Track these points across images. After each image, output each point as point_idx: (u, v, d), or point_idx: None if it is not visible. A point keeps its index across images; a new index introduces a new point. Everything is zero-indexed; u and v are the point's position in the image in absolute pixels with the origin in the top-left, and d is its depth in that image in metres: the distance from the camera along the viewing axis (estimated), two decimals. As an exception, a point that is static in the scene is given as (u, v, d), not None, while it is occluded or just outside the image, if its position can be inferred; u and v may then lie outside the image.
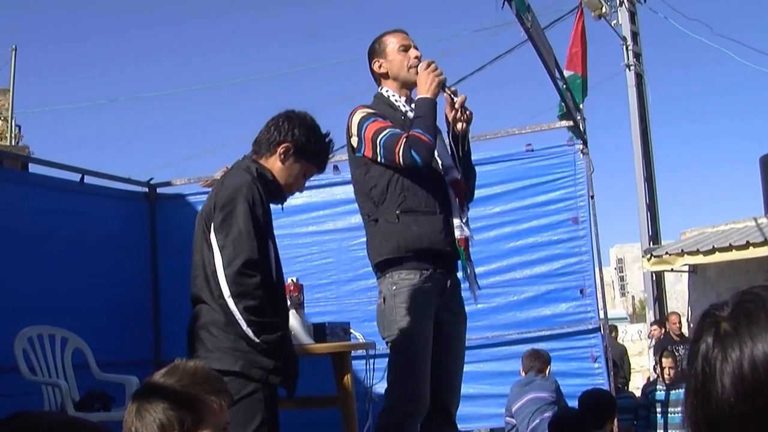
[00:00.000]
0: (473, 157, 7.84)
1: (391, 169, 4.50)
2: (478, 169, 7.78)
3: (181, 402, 2.49)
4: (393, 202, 4.50)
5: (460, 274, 4.78)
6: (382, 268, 4.55)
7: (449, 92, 4.69)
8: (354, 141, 4.60)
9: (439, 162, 4.71)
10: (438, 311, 4.58)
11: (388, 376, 4.54)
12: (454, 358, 4.78)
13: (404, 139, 4.42)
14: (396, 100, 4.74)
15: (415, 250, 4.47)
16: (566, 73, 7.97)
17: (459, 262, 4.75)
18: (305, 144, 4.07)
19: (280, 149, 4.02)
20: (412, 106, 4.74)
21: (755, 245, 13.20)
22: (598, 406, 6.25)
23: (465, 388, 7.42)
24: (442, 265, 4.62)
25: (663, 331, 13.13)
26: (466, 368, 7.49)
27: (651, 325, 14.60)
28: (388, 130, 4.49)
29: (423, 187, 4.56)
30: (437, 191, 4.64)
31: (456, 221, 4.68)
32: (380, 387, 4.88)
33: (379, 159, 4.49)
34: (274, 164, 4.06)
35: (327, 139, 4.24)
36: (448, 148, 4.85)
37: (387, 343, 4.56)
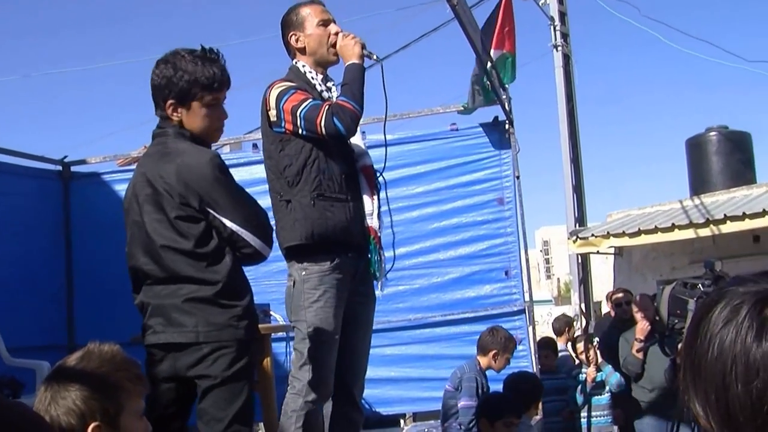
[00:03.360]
0: (397, 136, 8.02)
1: (310, 146, 4.47)
2: (401, 148, 7.99)
3: (102, 389, 2.45)
4: (308, 185, 4.48)
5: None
6: (293, 253, 4.55)
7: (368, 52, 4.67)
8: (272, 115, 4.54)
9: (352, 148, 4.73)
10: (349, 296, 4.64)
11: (293, 362, 4.56)
12: (360, 340, 4.87)
13: (326, 107, 4.39)
14: (313, 78, 4.70)
15: (328, 237, 4.48)
16: (496, 53, 8.05)
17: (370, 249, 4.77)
18: (181, 86, 3.83)
19: (169, 108, 3.86)
20: (329, 85, 4.76)
21: (680, 227, 13.55)
22: (524, 389, 6.37)
23: (387, 372, 7.66)
24: (354, 251, 4.66)
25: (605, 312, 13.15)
26: (389, 351, 7.71)
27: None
28: (309, 101, 4.45)
29: (338, 172, 4.56)
30: (350, 177, 4.66)
31: (367, 209, 4.72)
32: (300, 370, 4.96)
33: (300, 131, 4.45)
34: (180, 122, 3.89)
35: (204, 56, 3.90)
36: (360, 133, 4.88)
37: (293, 327, 4.59)
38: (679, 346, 6.23)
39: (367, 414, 7.66)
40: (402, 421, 8.47)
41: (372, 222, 4.74)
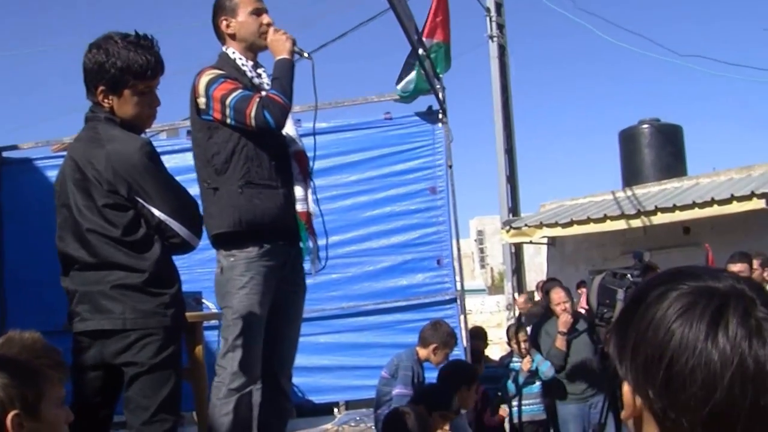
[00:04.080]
0: (332, 125, 8.06)
1: (238, 134, 4.46)
2: (336, 136, 8.02)
3: (22, 376, 2.40)
4: (236, 173, 4.48)
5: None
6: (220, 240, 4.55)
7: (298, 50, 4.68)
8: (201, 102, 4.51)
9: (284, 133, 4.72)
10: (277, 283, 4.64)
11: (220, 350, 4.55)
12: (289, 328, 4.88)
13: (257, 100, 4.39)
14: (243, 65, 4.70)
15: (256, 225, 4.49)
16: (430, 42, 8.11)
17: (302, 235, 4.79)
18: (113, 73, 3.77)
19: (100, 95, 3.80)
20: (259, 71, 4.76)
21: (612, 218, 13.83)
22: (460, 375, 6.39)
23: (320, 360, 7.70)
24: (284, 238, 4.67)
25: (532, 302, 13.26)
26: (322, 339, 7.75)
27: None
28: (239, 91, 4.44)
29: (267, 159, 4.56)
30: (281, 164, 4.66)
31: (299, 194, 4.73)
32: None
33: (229, 121, 4.44)
34: (110, 108, 3.83)
35: (137, 42, 3.83)
36: (292, 119, 4.88)
37: (221, 313, 4.61)
38: (608, 335, 6.41)
39: (300, 402, 7.72)
40: (335, 410, 8.51)
41: (304, 208, 4.75)
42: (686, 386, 1.22)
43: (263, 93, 4.51)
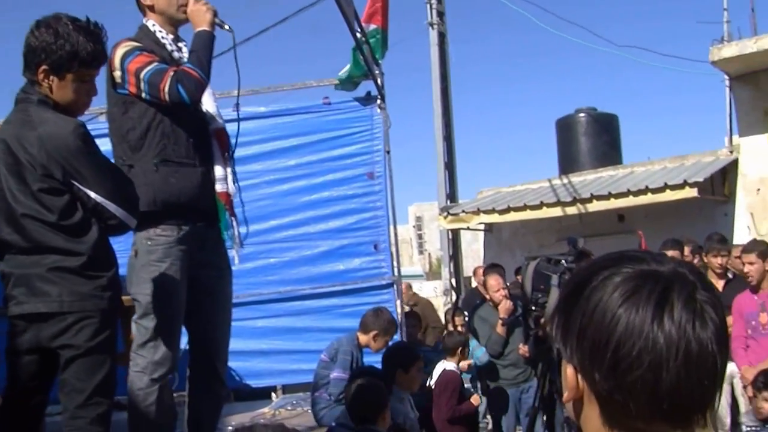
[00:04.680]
0: (270, 109, 8.07)
1: (154, 110, 4.37)
2: (274, 121, 8.04)
3: None
4: (151, 150, 4.38)
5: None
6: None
7: (219, 22, 4.58)
8: (117, 76, 4.38)
9: (204, 110, 4.66)
10: (197, 267, 4.57)
11: (137, 338, 4.43)
12: (219, 313, 4.81)
13: (171, 74, 4.28)
14: (163, 37, 4.59)
15: (172, 204, 4.40)
16: (368, 27, 8.15)
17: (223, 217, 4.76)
18: (60, 55, 3.72)
19: (41, 74, 3.73)
20: (180, 45, 4.65)
21: (548, 205, 14.03)
22: (402, 355, 6.43)
23: (257, 344, 7.74)
24: (202, 219, 4.59)
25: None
26: (259, 324, 7.78)
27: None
28: (153, 65, 4.33)
29: (185, 136, 4.47)
30: (199, 141, 4.58)
31: (219, 174, 4.67)
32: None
33: (144, 95, 4.33)
34: (48, 89, 3.77)
35: (87, 29, 3.79)
36: (213, 96, 4.83)
37: (134, 300, 4.45)
38: (542, 320, 6.53)
39: (238, 387, 7.75)
40: (272, 394, 8.55)
41: (224, 188, 4.69)
42: (633, 369, 1.25)
43: (181, 66, 4.40)
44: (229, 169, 4.77)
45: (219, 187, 4.67)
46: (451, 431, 7.38)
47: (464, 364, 8.28)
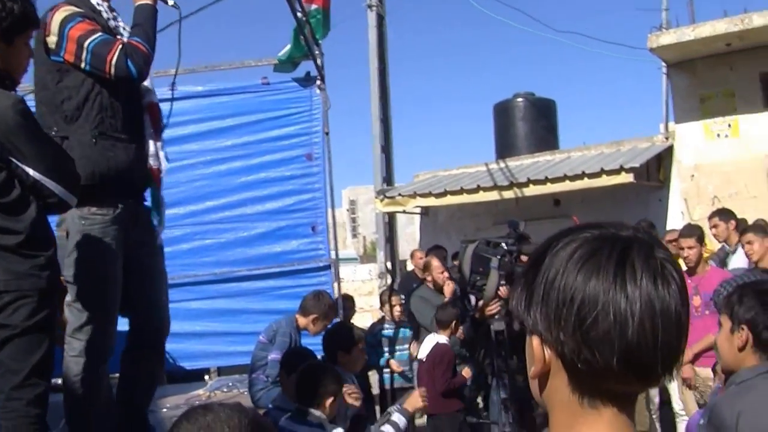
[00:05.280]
0: (207, 88, 8.03)
1: (92, 80, 4.27)
2: (210, 100, 8.01)
3: None
4: (89, 122, 4.29)
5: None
6: None
7: None
8: (51, 42, 4.25)
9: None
10: (131, 246, 4.51)
11: (73, 321, 4.34)
12: (156, 291, 4.80)
13: (120, 46, 4.20)
14: (99, 4, 4.47)
15: (110, 179, 4.33)
16: (309, 7, 8.13)
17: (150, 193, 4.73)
18: (10, 20, 3.65)
19: None
20: (114, 14, 4.56)
21: (485, 189, 14.17)
22: (342, 336, 6.46)
23: (192, 326, 7.72)
24: (135, 196, 4.57)
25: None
26: (194, 305, 7.76)
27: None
28: (98, 34, 4.23)
29: (121, 109, 4.39)
30: (133, 115, 4.51)
31: (151, 149, 4.61)
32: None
33: (83, 65, 4.23)
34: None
35: None
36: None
37: (68, 282, 4.33)
38: (480, 303, 6.62)
39: (172, 369, 7.71)
40: (206, 376, 8.54)
41: (156, 164, 4.65)
42: (598, 324, 1.28)
43: (125, 39, 4.32)
44: (160, 145, 4.71)
45: (151, 162, 4.62)
46: (446, 404, 7.44)
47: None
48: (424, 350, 7.78)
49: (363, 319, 15.45)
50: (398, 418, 5.13)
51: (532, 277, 1.39)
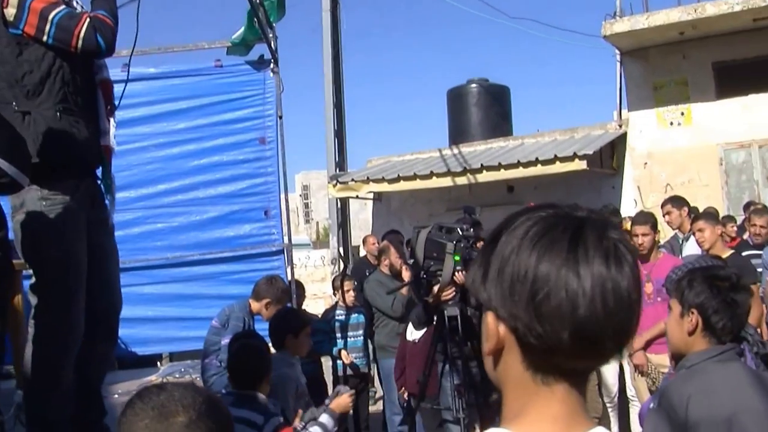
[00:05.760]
0: (161, 70, 8.00)
1: (53, 54, 4.19)
2: (163, 82, 7.98)
3: None
4: (52, 97, 4.21)
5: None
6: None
7: None
8: (9, 13, 4.15)
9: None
10: (90, 225, 4.45)
11: (38, 305, 4.29)
12: (110, 271, 4.76)
13: (87, 20, 4.14)
14: None
15: (74, 156, 4.28)
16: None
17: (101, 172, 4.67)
18: None
19: None
20: None
21: (438, 175, 14.26)
22: (291, 320, 6.49)
23: (145, 311, 7.70)
24: (91, 175, 4.53)
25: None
26: (146, 290, 7.75)
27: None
28: (62, 7, 4.17)
29: (81, 85, 4.35)
30: (90, 92, 4.47)
31: (104, 126, 4.58)
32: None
33: (45, 38, 4.15)
34: None
35: None
36: None
37: (34, 267, 4.31)
38: (435, 288, 6.67)
39: (124, 354, 7.70)
40: (159, 362, 8.53)
41: (107, 142, 4.62)
42: (550, 300, 1.31)
43: (91, 13, 4.25)
44: (112, 123, 4.70)
45: (103, 141, 4.59)
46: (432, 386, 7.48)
47: (346, 357, 8.45)
48: (414, 333, 7.82)
49: (316, 306, 15.54)
50: (326, 419, 5.18)
51: (489, 254, 1.42)
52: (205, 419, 2.11)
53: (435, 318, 6.77)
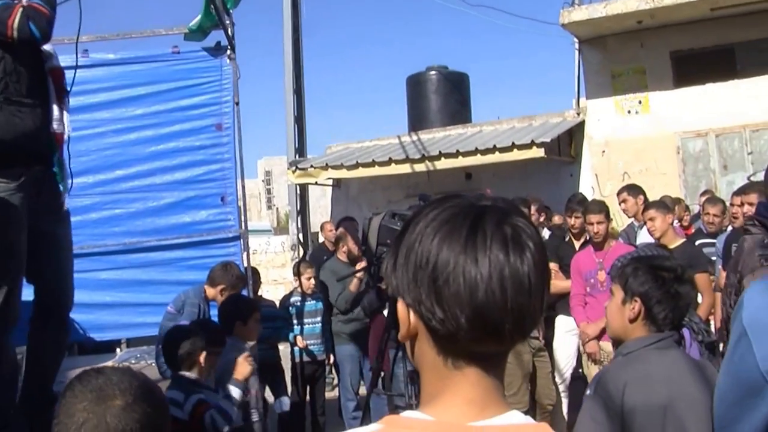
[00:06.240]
0: (118, 56, 8.04)
1: None
2: (121, 68, 8.02)
3: None
4: None
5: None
6: None
7: None
8: None
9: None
10: (36, 214, 4.48)
11: None
12: (61, 260, 4.81)
13: (21, 9, 4.18)
14: None
15: (16, 146, 4.31)
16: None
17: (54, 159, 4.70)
18: None
19: None
20: None
21: (397, 162, 14.43)
22: (230, 311, 6.56)
23: (102, 297, 7.76)
24: (39, 163, 4.54)
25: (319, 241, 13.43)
26: (103, 276, 7.81)
27: None
28: None
29: (25, 74, 4.38)
30: (38, 80, 4.50)
31: (54, 113, 4.62)
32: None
33: None
34: None
35: None
36: None
37: None
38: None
39: (81, 340, 7.76)
40: (118, 348, 8.57)
41: (60, 129, 4.66)
42: (450, 285, 1.37)
43: (24, 2, 4.28)
44: (64, 110, 4.73)
45: (55, 127, 4.62)
46: None
47: (300, 342, 8.56)
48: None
49: (276, 292, 15.61)
50: (234, 391, 5.37)
51: (398, 243, 1.49)
52: (140, 403, 2.25)
53: (387, 304, 6.88)
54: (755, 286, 1.81)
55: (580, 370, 8.22)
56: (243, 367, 5.56)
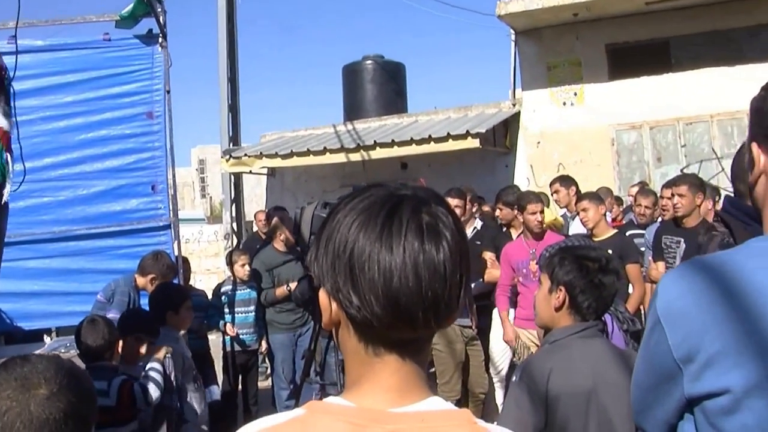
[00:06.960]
0: (48, 43, 8.03)
1: None
2: (50, 55, 8.01)
3: None
4: None
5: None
6: None
7: None
8: None
9: None
10: None
11: None
12: None
13: None
14: None
15: None
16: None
17: None
18: None
19: None
20: None
21: (332, 151, 14.52)
22: (160, 301, 6.52)
23: (30, 285, 7.77)
24: None
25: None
26: (32, 264, 7.81)
27: None
28: None
29: None
30: None
31: None
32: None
33: None
34: None
35: None
36: None
37: None
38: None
39: (9, 329, 7.78)
40: (46, 336, 8.58)
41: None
42: (365, 273, 1.41)
43: None
44: (2, 103, 4.77)
45: None
46: None
47: (229, 330, 8.64)
48: None
49: (209, 281, 15.66)
50: (153, 372, 5.47)
51: (321, 232, 1.53)
52: (65, 392, 2.31)
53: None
54: (668, 276, 1.88)
55: (514, 359, 8.40)
56: (160, 351, 5.66)
